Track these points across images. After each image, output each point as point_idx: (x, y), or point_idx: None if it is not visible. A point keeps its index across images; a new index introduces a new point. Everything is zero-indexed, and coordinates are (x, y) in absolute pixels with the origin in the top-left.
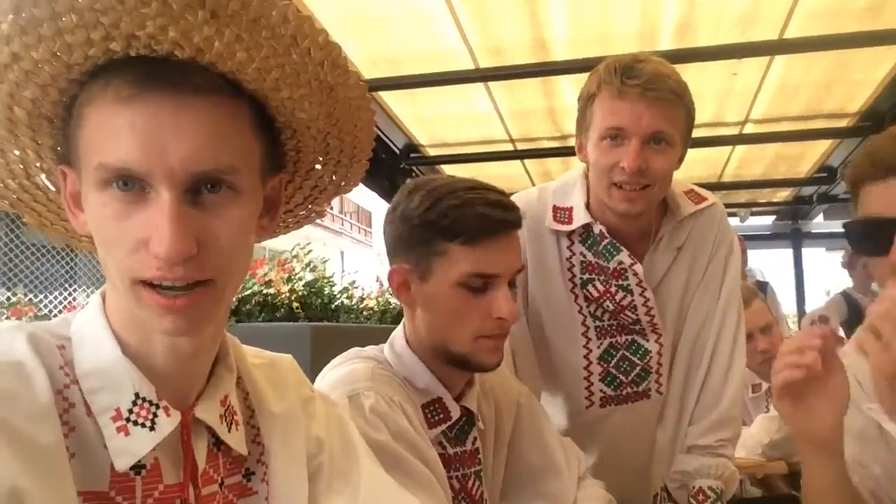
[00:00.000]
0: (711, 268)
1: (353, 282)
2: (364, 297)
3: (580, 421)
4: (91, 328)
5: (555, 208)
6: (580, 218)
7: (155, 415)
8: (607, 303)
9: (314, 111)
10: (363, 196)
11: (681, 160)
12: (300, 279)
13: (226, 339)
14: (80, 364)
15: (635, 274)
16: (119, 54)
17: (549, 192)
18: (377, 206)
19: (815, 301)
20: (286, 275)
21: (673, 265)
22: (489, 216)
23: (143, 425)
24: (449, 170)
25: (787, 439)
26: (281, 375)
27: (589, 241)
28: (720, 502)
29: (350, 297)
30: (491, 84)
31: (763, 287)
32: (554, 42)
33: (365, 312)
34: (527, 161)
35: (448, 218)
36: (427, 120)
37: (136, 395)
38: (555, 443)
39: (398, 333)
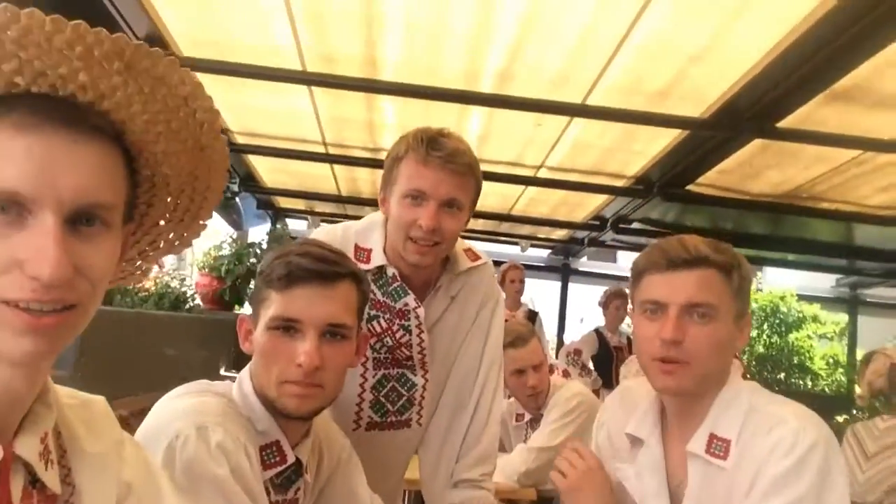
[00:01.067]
0: (480, 318)
1: None
2: None
3: None
4: None
5: (356, 247)
6: (377, 260)
7: None
8: (387, 338)
9: (180, 167)
10: None
11: (466, 222)
12: None
13: (47, 378)
14: None
15: (417, 316)
16: (20, 88)
17: (353, 231)
18: None
19: (573, 328)
20: None
21: (446, 311)
22: (295, 263)
23: None
24: (254, 160)
25: (539, 468)
26: (94, 417)
27: (381, 282)
28: None
29: (136, 282)
30: (314, 87)
31: (533, 317)
32: (384, 61)
33: (141, 294)
34: (336, 166)
35: (270, 266)
36: (241, 107)
37: None
38: (364, 498)
39: (245, 375)
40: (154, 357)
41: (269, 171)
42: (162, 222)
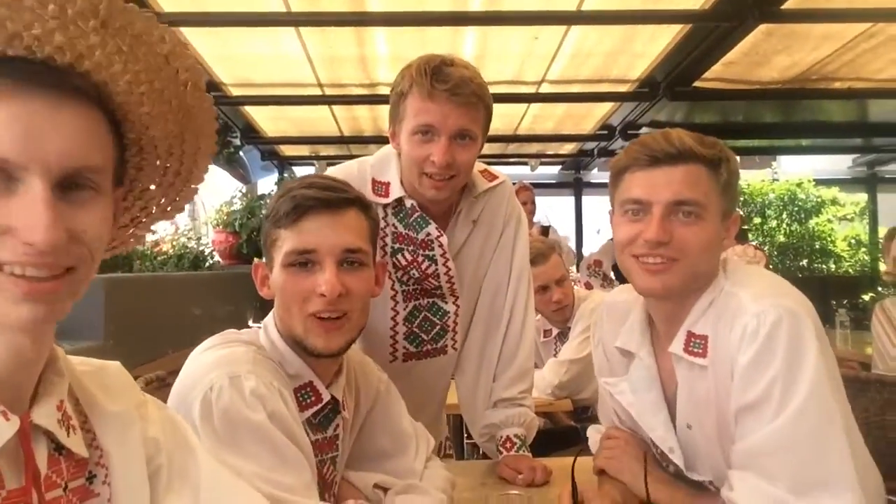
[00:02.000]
0: (504, 238)
1: None
2: (158, 241)
3: None
4: None
5: (374, 181)
6: (395, 192)
7: None
8: (413, 270)
9: (167, 129)
10: None
11: (480, 149)
12: None
13: (54, 346)
14: None
15: (440, 245)
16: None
17: (368, 165)
18: None
19: (591, 240)
20: None
21: (469, 236)
22: (303, 195)
23: None
24: (253, 111)
25: (572, 380)
26: (110, 380)
27: (401, 214)
28: (524, 447)
29: (142, 243)
30: (302, 28)
31: (546, 231)
32: None
33: (160, 258)
34: (334, 107)
35: (276, 206)
36: (232, 58)
37: None
38: (406, 427)
39: (270, 321)
40: (181, 317)
41: (268, 120)
42: (153, 187)
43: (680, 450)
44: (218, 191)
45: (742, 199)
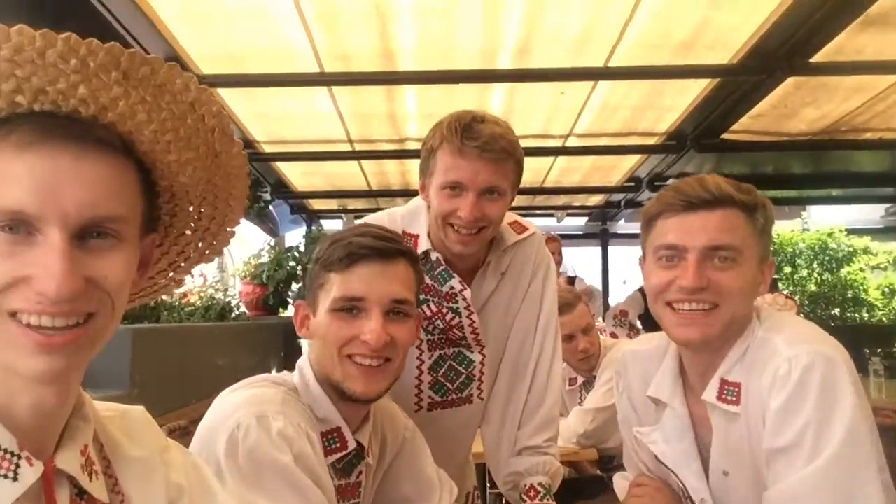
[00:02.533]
0: (532, 288)
1: None
2: (186, 293)
3: None
4: None
5: (404, 233)
6: (423, 245)
7: (17, 465)
8: (438, 321)
9: (197, 175)
10: None
11: (511, 202)
12: None
13: (81, 392)
14: None
15: (464, 298)
16: (23, 108)
17: (398, 216)
18: None
19: (617, 291)
20: None
21: (497, 288)
22: (356, 243)
23: (4, 476)
24: (284, 166)
25: (598, 429)
26: (134, 426)
27: (427, 266)
28: (549, 496)
29: (170, 294)
30: (334, 87)
31: (572, 280)
32: (400, 52)
33: (187, 309)
34: (364, 161)
35: (328, 251)
36: (265, 117)
37: None
38: (431, 475)
39: (305, 362)
40: (206, 367)
41: (299, 175)
42: (188, 232)
43: (712, 500)
44: (246, 243)
45: (773, 248)
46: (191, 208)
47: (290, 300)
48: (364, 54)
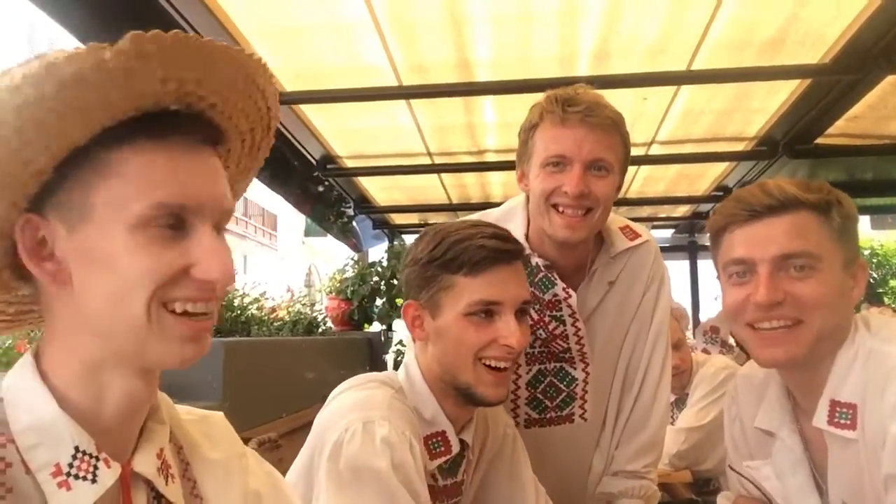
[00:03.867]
0: (645, 302)
1: (264, 292)
2: (275, 307)
3: None
4: (24, 385)
5: None
6: None
7: (96, 467)
8: (540, 331)
9: (246, 126)
10: (268, 198)
11: (619, 187)
12: None
13: (156, 394)
14: (15, 422)
15: (569, 305)
16: (168, 103)
17: (493, 218)
18: (283, 210)
19: (708, 305)
20: None
21: (605, 298)
22: (489, 246)
23: (84, 478)
24: (365, 181)
25: (692, 449)
26: (213, 430)
27: (526, 272)
28: None
29: (260, 308)
30: (413, 101)
31: None
32: (477, 63)
33: (276, 324)
34: (443, 175)
35: (452, 252)
36: (345, 132)
37: (76, 448)
38: (529, 480)
39: (412, 362)
40: (295, 380)
41: (380, 190)
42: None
43: None
44: (332, 259)
45: (876, 261)
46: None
47: (374, 315)
48: (441, 66)
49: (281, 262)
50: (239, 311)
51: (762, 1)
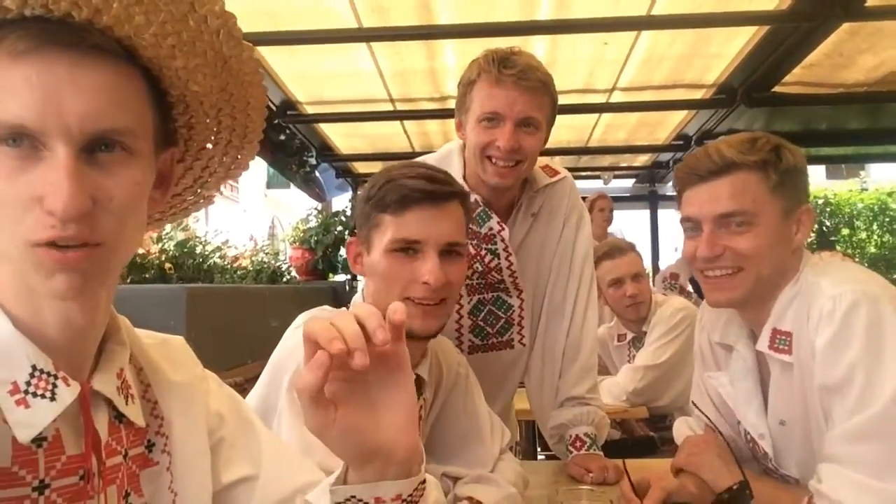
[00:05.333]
0: (565, 232)
1: (227, 241)
2: (237, 256)
3: None
4: None
5: None
6: None
7: (55, 385)
8: (477, 264)
9: (208, 83)
10: None
11: (545, 141)
12: (170, 238)
13: (116, 316)
14: None
15: (502, 239)
16: (13, 13)
17: (430, 162)
18: None
19: (668, 256)
20: (156, 234)
21: (530, 230)
22: (411, 186)
23: (42, 396)
24: (327, 128)
25: (649, 386)
26: (174, 353)
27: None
28: (595, 446)
29: (223, 257)
30: (373, 43)
31: None
32: (438, 3)
33: (239, 272)
34: (406, 122)
35: (381, 192)
36: (306, 76)
37: (34, 367)
38: (484, 414)
39: (358, 299)
40: (259, 328)
41: (342, 137)
42: (209, 145)
43: (770, 438)
44: (295, 212)
45: (829, 209)
46: (208, 120)
47: (339, 265)
48: (401, 6)
49: (244, 214)
50: (201, 259)
51: None
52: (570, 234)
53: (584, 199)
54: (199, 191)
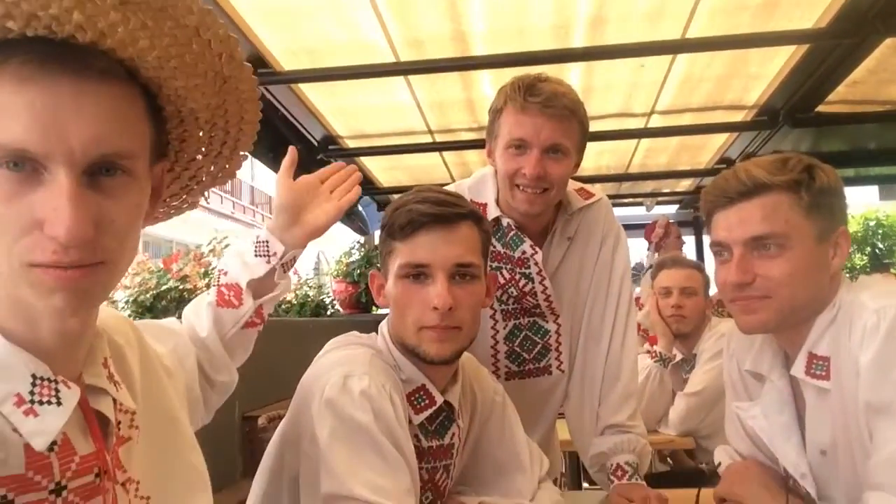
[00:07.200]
0: (602, 255)
1: None
2: None
3: None
4: None
5: (472, 203)
6: (492, 212)
7: (57, 390)
8: (511, 289)
9: (205, 101)
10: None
11: (576, 166)
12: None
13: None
14: None
15: (536, 263)
16: (14, 34)
17: (465, 188)
18: None
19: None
20: (202, 269)
21: (567, 254)
22: (417, 210)
23: (49, 402)
24: (368, 162)
25: (689, 416)
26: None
27: (498, 234)
28: (637, 476)
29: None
30: (410, 76)
31: None
32: (473, 35)
33: (283, 306)
34: (445, 153)
35: (391, 219)
36: (345, 111)
37: (33, 376)
38: (522, 442)
39: (385, 327)
40: (304, 360)
41: (382, 170)
42: (199, 157)
43: (812, 476)
44: (338, 243)
45: (881, 231)
46: (200, 133)
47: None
48: (437, 39)
49: None
50: None
51: None
52: (608, 257)
53: (653, 224)
54: (184, 197)
